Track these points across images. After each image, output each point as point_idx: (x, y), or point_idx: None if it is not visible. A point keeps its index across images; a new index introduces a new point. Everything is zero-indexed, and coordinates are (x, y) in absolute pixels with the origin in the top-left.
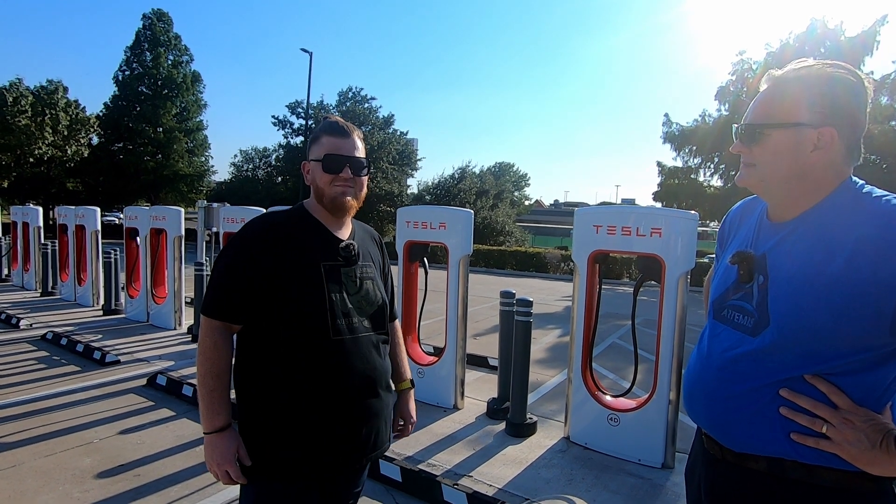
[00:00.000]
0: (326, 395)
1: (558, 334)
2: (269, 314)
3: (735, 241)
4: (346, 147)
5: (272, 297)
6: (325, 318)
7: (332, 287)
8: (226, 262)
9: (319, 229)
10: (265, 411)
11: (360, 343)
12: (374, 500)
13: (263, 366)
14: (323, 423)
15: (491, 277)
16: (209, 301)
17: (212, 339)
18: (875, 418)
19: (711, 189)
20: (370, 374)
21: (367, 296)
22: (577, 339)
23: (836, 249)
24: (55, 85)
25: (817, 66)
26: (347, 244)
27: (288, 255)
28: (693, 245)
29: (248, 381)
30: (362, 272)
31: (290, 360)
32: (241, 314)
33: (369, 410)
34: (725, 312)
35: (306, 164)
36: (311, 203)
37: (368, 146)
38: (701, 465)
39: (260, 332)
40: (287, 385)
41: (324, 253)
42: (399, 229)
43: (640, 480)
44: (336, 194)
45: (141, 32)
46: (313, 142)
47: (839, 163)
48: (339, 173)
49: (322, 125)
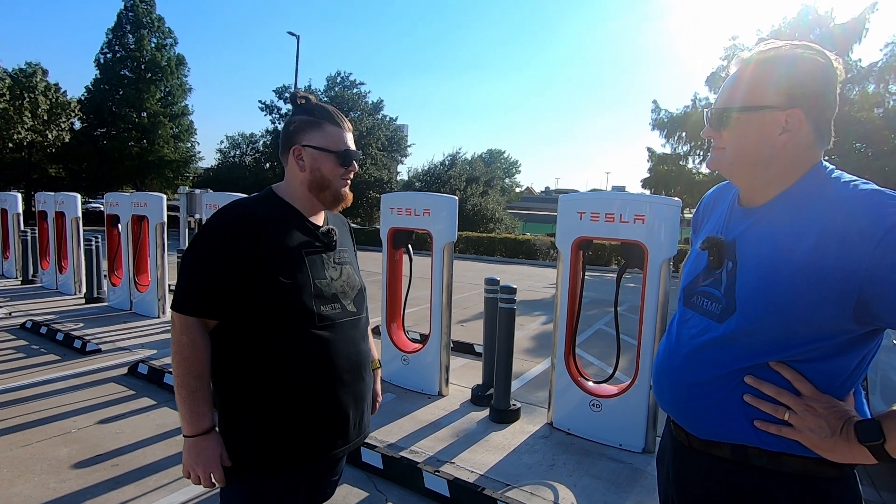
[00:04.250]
0: (316, 384)
1: (545, 321)
2: (251, 306)
3: (707, 227)
4: (350, 139)
5: (255, 288)
6: (311, 305)
7: (317, 274)
8: (199, 254)
9: (297, 216)
10: (252, 407)
11: (346, 328)
12: (355, 487)
13: (247, 360)
14: (314, 413)
15: (479, 264)
16: (184, 297)
17: (189, 338)
18: (837, 405)
19: (701, 176)
20: (356, 358)
21: (348, 280)
22: (561, 325)
23: (802, 236)
24: (34, 68)
25: (785, 47)
26: (328, 229)
27: (269, 243)
28: (675, 232)
29: (230, 378)
30: (340, 257)
31: (277, 351)
32: (220, 309)
33: (357, 395)
34: (695, 299)
35: (298, 149)
36: (285, 189)
37: (357, 132)
38: (669, 451)
39: (240, 326)
40: (275, 377)
41: (305, 240)
42: (383, 216)
43: (621, 465)
44: (340, 188)
45: (123, 14)
46: (311, 126)
47: (808, 146)
48: (349, 167)
49: (317, 110)
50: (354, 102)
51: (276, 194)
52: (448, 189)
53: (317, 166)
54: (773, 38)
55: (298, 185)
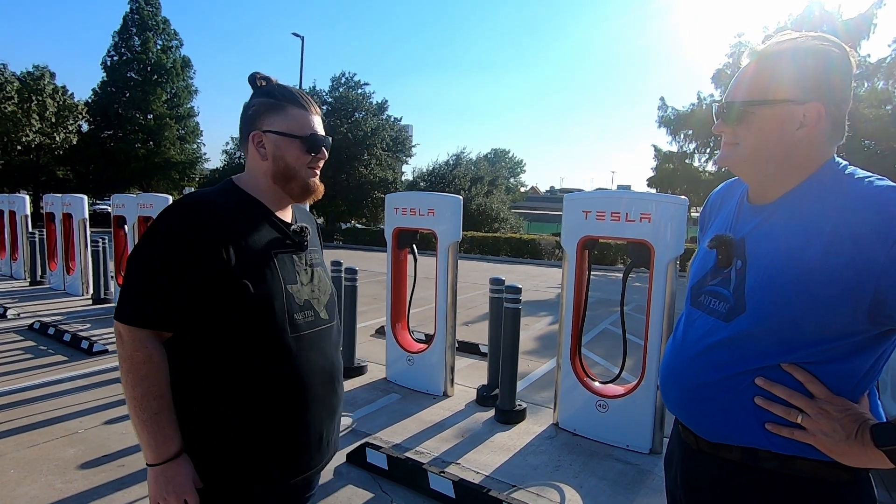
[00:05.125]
0: (290, 400)
1: (550, 321)
2: (215, 315)
3: (715, 225)
4: (317, 123)
5: (218, 294)
6: (283, 314)
7: (288, 278)
8: (153, 254)
9: (264, 212)
10: (216, 428)
11: (319, 337)
12: (360, 488)
13: (209, 376)
14: (289, 431)
15: (484, 264)
16: (134, 306)
17: (144, 353)
18: (851, 408)
19: (706, 174)
20: (330, 369)
21: (320, 284)
22: (567, 325)
23: (814, 234)
24: (41, 70)
25: (801, 38)
26: (300, 227)
27: (235, 242)
28: (682, 230)
29: (189, 397)
30: (311, 258)
31: (244, 365)
32: (178, 319)
33: (331, 409)
34: (702, 298)
35: (259, 135)
36: (248, 181)
37: (361, 133)
38: (678, 454)
39: (199, 338)
40: (244, 394)
41: (275, 240)
42: (388, 216)
43: (627, 466)
44: (308, 178)
45: (128, 16)
46: (273, 110)
47: (823, 141)
48: (317, 154)
49: (279, 91)
50: (359, 103)
51: (238, 186)
52: (452, 189)
53: (280, 154)
54: (787, 31)
55: (262, 177)
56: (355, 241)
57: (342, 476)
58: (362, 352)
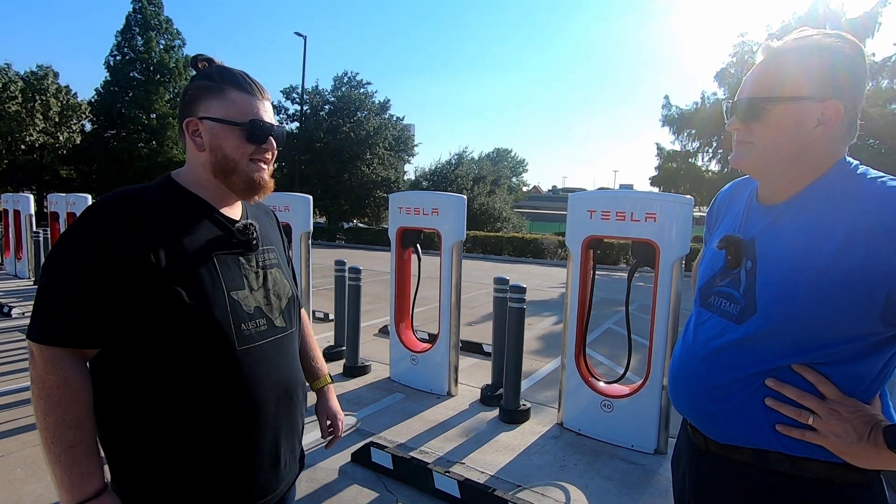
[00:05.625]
0: (235, 421)
1: (554, 321)
2: (144, 329)
3: (723, 225)
4: (263, 109)
5: (147, 304)
6: (227, 325)
7: (232, 283)
8: (68, 262)
9: (205, 210)
10: (151, 459)
11: (272, 348)
12: (365, 487)
13: (141, 399)
14: (239, 457)
15: (487, 263)
16: (46, 322)
17: (58, 377)
18: (863, 409)
19: (710, 173)
20: (286, 383)
21: (275, 287)
22: (571, 325)
23: (827, 234)
24: (45, 70)
25: (818, 36)
26: (246, 224)
27: (165, 244)
28: (688, 230)
29: (119, 424)
30: (265, 259)
31: (182, 384)
32: (99, 335)
33: (288, 427)
34: (712, 299)
35: (194, 122)
36: (187, 176)
37: (364, 132)
38: (686, 455)
39: (129, 354)
40: (181, 419)
41: (215, 240)
42: (392, 215)
43: (632, 466)
44: (253, 172)
45: (131, 16)
46: (210, 94)
47: (838, 140)
48: (263, 144)
49: (219, 73)
50: (361, 102)
51: (175, 182)
52: (455, 188)
53: (217, 143)
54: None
55: (201, 169)
56: (357, 241)
57: (347, 475)
58: (366, 351)
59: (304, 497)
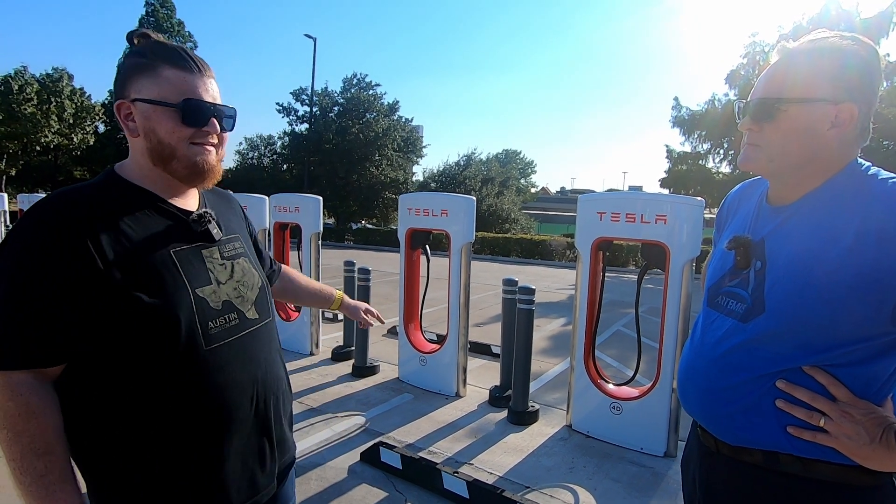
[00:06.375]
0: (211, 425)
1: (562, 323)
2: (105, 340)
3: (732, 226)
4: (204, 88)
5: (105, 314)
6: (193, 326)
7: (196, 280)
8: (13, 276)
9: (154, 203)
10: (129, 472)
11: (246, 343)
12: (374, 487)
13: (111, 413)
14: (216, 461)
15: (495, 265)
16: (0, 345)
17: (19, 403)
18: (875, 411)
19: (720, 175)
20: (263, 377)
21: (244, 278)
22: (580, 327)
23: (837, 235)
24: (60, 72)
25: (833, 37)
26: (202, 214)
27: (116, 247)
28: (699, 232)
29: (90, 441)
30: (230, 249)
31: (151, 394)
32: (57, 352)
33: (270, 421)
34: (720, 300)
35: (126, 105)
36: (131, 167)
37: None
38: (696, 457)
39: (93, 369)
40: (154, 430)
41: (170, 234)
42: (401, 216)
43: (641, 469)
44: (196, 156)
45: (144, 19)
46: (141, 72)
47: (851, 142)
48: (203, 126)
49: (153, 48)
50: (370, 104)
51: (117, 175)
52: (463, 189)
53: (150, 127)
54: (821, 29)
55: (140, 157)
56: (366, 242)
57: (356, 475)
58: (375, 351)
59: (313, 496)
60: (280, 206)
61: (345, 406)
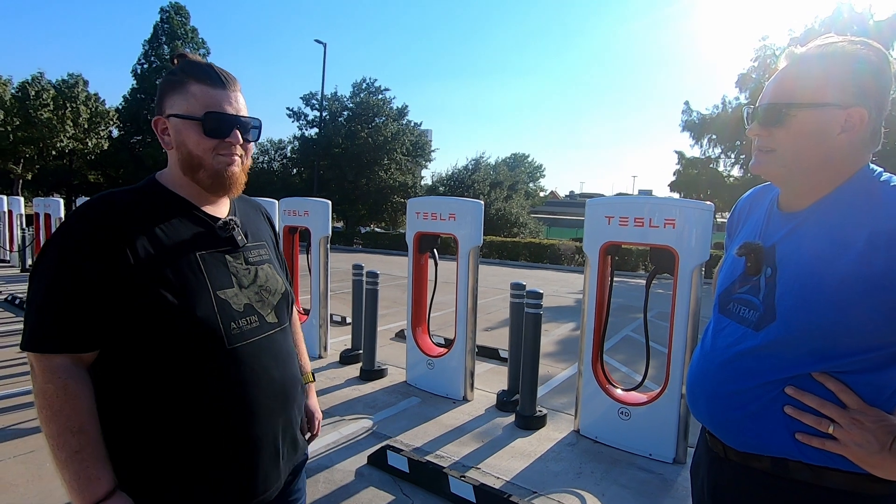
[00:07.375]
0: (235, 422)
1: (571, 327)
2: (135, 333)
3: (743, 232)
4: (228, 101)
5: (135, 307)
6: (215, 324)
7: (218, 282)
8: (51, 268)
9: (187, 209)
10: (157, 462)
11: (266, 345)
12: (382, 490)
13: (140, 403)
14: (236, 456)
15: (503, 269)
16: (39, 330)
17: (58, 385)
18: (886, 419)
19: (731, 179)
20: (282, 380)
21: (266, 283)
22: (588, 331)
23: (848, 241)
24: (75, 78)
25: (842, 43)
26: (227, 221)
27: (148, 247)
28: (708, 236)
29: (121, 430)
30: (254, 255)
31: (178, 386)
32: (92, 337)
33: (286, 422)
34: (731, 306)
35: (162, 121)
36: (168, 176)
37: (382, 137)
38: (705, 463)
39: (124, 360)
40: (182, 421)
41: (199, 239)
42: (409, 220)
43: (650, 475)
44: (220, 166)
45: (158, 26)
46: (174, 89)
47: (861, 147)
48: (225, 138)
49: (183, 66)
50: (380, 108)
51: (158, 182)
52: (472, 193)
53: (181, 140)
54: (830, 34)
55: (175, 168)
56: (375, 245)
57: (364, 478)
58: (382, 355)
59: (321, 498)
60: (290, 210)
61: (352, 409)
